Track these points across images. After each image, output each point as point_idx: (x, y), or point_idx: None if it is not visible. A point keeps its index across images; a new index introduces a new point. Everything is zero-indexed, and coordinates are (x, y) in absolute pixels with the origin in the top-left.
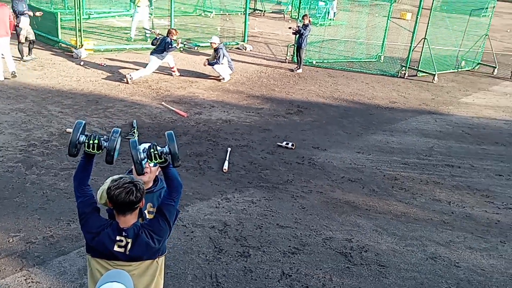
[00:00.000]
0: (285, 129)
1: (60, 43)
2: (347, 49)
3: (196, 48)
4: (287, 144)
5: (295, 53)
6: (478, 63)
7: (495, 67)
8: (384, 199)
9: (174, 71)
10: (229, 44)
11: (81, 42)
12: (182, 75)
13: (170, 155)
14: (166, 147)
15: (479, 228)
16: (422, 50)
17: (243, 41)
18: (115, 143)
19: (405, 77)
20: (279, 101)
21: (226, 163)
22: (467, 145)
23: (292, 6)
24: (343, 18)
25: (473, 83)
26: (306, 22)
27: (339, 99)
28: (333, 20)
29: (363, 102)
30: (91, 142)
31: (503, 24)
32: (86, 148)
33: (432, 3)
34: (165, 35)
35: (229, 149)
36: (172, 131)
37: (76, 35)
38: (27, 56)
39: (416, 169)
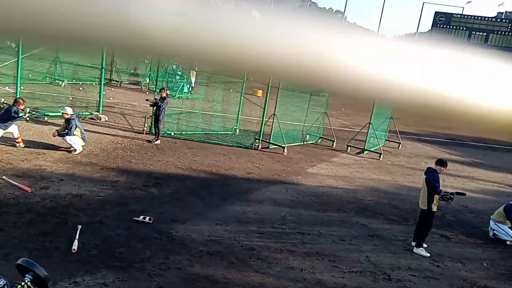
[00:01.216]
0: (142, 203)
1: None
2: (204, 122)
3: (45, 118)
4: (144, 218)
5: (153, 124)
6: (320, 137)
7: (334, 141)
8: (242, 271)
9: (18, 142)
10: (82, 114)
11: None
12: (27, 147)
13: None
14: (28, 276)
15: None
16: (272, 124)
17: (98, 111)
18: None
19: (258, 149)
20: (136, 173)
21: (76, 242)
22: (315, 212)
23: (149, 78)
24: (200, 91)
25: (317, 155)
26: (164, 95)
27: (197, 170)
28: (191, 93)
29: (221, 173)
30: None
31: (338, 103)
32: None
33: (279, 83)
34: (11, 104)
35: (79, 226)
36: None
37: None
38: None
39: (271, 238)
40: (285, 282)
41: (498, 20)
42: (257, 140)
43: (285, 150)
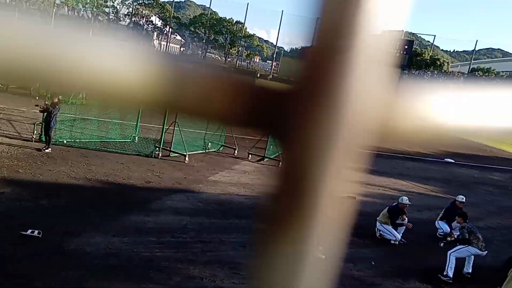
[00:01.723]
0: (31, 216)
1: None
2: (101, 129)
3: None
4: (33, 232)
5: (43, 132)
6: (222, 145)
7: (235, 149)
8: (141, 283)
9: None
10: None
11: None
12: None
13: None
14: None
15: None
16: (173, 132)
17: None
18: None
19: (159, 158)
20: (24, 184)
21: None
22: (216, 220)
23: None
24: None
25: (219, 163)
26: (55, 100)
27: (93, 180)
28: (85, 98)
29: (119, 183)
30: None
31: None
32: None
33: None
34: None
35: None
36: None
37: None
38: None
39: (172, 247)
40: None
41: None
42: (157, 148)
43: (187, 158)
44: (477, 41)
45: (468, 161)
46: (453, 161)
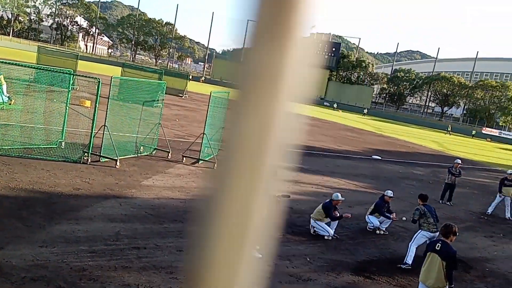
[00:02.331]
0: None
1: None
2: (24, 135)
3: None
4: None
5: None
6: (155, 149)
7: (169, 152)
8: None
9: None
10: None
11: None
12: None
13: None
14: None
15: None
16: (103, 136)
17: None
18: None
19: (88, 163)
20: None
21: None
22: (150, 225)
23: None
24: (18, 102)
25: (152, 167)
26: None
27: (16, 188)
28: (5, 104)
29: (45, 191)
30: None
31: (172, 114)
32: None
33: (109, 93)
34: None
35: None
36: None
37: None
38: None
39: (104, 256)
40: None
41: None
42: (86, 154)
43: (118, 163)
44: (398, 43)
45: (394, 157)
46: (380, 158)
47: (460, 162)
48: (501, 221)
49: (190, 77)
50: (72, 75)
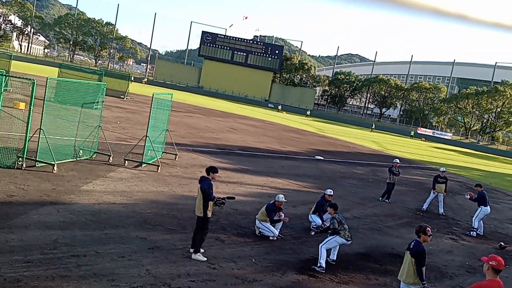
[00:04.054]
0: None
1: None
2: None
3: None
4: None
5: None
6: (95, 152)
7: (110, 155)
8: None
9: None
10: None
11: None
12: None
13: None
14: None
15: None
16: (39, 140)
17: None
18: None
19: (22, 168)
20: None
21: None
22: (90, 232)
23: None
24: None
25: (92, 171)
26: None
27: None
28: None
29: None
30: None
31: (113, 117)
32: None
33: (45, 94)
34: None
35: None
36: None
37: None
38: None
39: (41, 265)
40: None
41: (255, 42)
42: (20, 159)
43: (55, 168)
44: (338, 47)
45: (335, 157)
46: (322, 158)
47: (399, 162)
48: (435, 216)
49: (132, 78)
50: (4, 76)
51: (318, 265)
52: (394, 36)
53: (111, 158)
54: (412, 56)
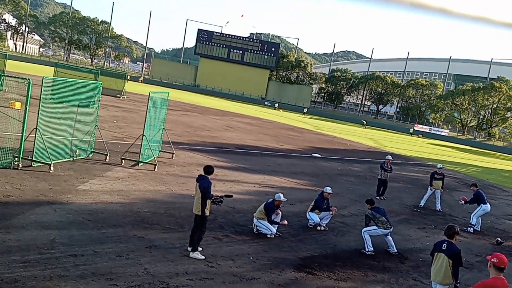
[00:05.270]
0: None
1: None
2: None
3: None
4: None
5: None
6: (92, 151)
7: (107, 155)
8: None
9: None
10: None
11: None
12: None
13: None
14: None
15: None
16: (35, 139)
17: None
18: None
19: (19, 168)
20: None
21: None
22: (88, 231)
23: None
24: None
25: (89, 170)
26: None
27: None
28: None
29: None
30: None
31: (110, 116)
32: None
33: (41, 94)
34: None
35: None
36: None
37: None
38: None
39: (38, 265)
40: None
41: (251, 40)
42: (16, 159)
43: (52, 167)
44: (335, 44)
45: (332, 155)
46: (319, 155)
47: (391, 158)
48: (432, 213)
49: (128, 77)
50: (0, 76)
51: (366, 249)
52: (391, 33)
53: (108, 158)
54: (408, 53)
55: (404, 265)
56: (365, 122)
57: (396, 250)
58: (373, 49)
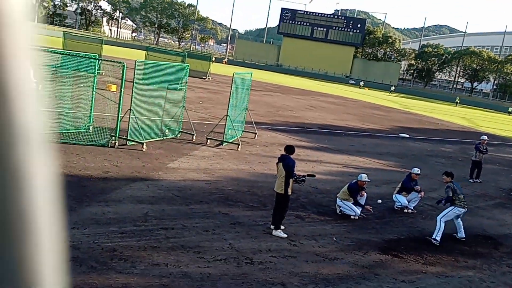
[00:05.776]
0: None
1: None
2: (52, 120)
3: None
4: None
5: None
6: (180, 131)
7: (194, 134)
8: (104, 274)
9: None
10: None
11: None
12: None
13: None
14: None
15: (194, 284)
16: (129, 120)
17: None
18: None
19: (115, 147)
20: None
21: None
22: (177, 206)
23: None
24: (46, 88)
25: (177, 149)
26: None
27: None
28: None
29: (75, 174)
30: None
31: (196, 97)
32: None
33: (134, 77)
34: None
35: None
36: None
37: None
38: None
39: (134, 236)
40: (150, 279)
41: (336, 17)
42: (113, 138)
43: (144, 146)
44: (426, 18)
45: (421, 135)
46: (407, 135)
47: (487, 138)
48: None
49: (213, 59)
50: (97, 60)
51: (434, 237)
52: (487, 5)
53: (194, 137)
54: (506, 26)
55: (498, 251)
56: (458, 100)
57: (464, 236)
58: (467, 22)
